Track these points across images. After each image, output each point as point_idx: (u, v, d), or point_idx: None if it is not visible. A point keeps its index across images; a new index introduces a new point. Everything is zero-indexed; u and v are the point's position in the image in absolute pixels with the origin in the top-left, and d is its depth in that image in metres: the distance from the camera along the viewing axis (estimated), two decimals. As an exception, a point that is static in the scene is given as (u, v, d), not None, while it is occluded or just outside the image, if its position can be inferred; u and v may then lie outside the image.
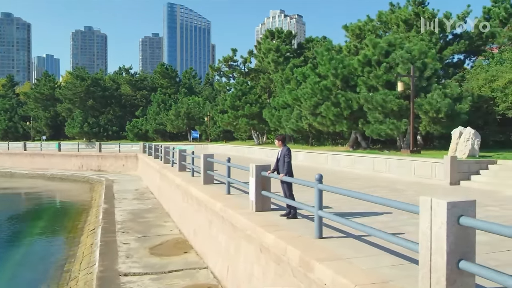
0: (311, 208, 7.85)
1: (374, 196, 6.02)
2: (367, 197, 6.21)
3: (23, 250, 17.75)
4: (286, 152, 9.66)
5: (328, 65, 22.19)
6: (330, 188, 7.30)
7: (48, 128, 67.51)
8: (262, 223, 9.12)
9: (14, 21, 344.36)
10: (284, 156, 9.66)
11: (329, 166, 22.78)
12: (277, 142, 9.99)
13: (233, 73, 44.40)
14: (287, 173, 9.55)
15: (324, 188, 7.48)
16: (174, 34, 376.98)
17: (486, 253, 6.27)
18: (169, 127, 55.01)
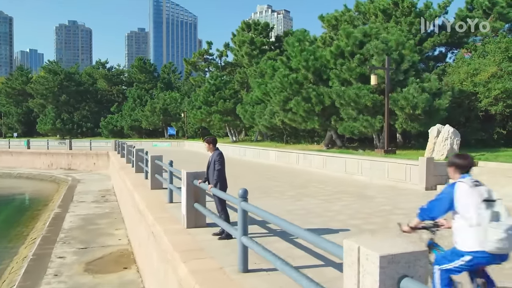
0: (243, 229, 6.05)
1: (297, 228, 4.27)
2: (289, 228, 4.44)
3: None
4: (216, 158, 7.88)
5: (299, 57, 20.42)
6: (253, 209, 5.51)
7: (20, 125, 64.77)
8: (184, 246, 7.34)
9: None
10: (214, 162, 7.89)
11: (300, 167, 21.08)
12: (207, 145, 8.21)
13: (209, 67, 42.44)
14: (218, 184, 7.78)
15: (248, 208, 5.70)
16: (160, 29, 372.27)
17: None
18: (144, 123, 52.87)
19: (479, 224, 3.54)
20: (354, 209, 10.29)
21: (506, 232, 3.46)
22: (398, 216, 9.48)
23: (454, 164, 3.95)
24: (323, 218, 9.33)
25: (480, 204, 3.57)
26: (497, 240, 3.46)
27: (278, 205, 10.93)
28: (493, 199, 3.63)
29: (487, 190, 3.67)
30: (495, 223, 3.51)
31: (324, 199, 11.84)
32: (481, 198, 3.60)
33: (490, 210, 3.56)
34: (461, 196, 3.68)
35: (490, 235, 3.49)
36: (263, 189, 14.00)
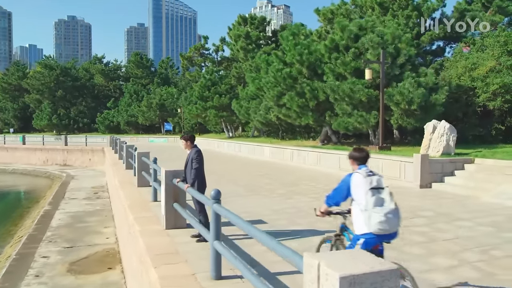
0: (216, 233, 5.63)
1: (259, 232, 3.84)
2: (251, 231, 4.00)
3: None
4: (194, 156, 7.45)
5: (293, 51, 19.94)
6: (223, 212, 5.10)
7: (17, 120, 64.32)
8: (159, 249, 6.94)
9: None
10: (192, 161, 7.46)
11: (294, 163, 20.68)
12: (184, 143, 7.75)
13: (205, 62, 41.91)
14: (195, 183, 7.36)
15: (219, 211, 5.27)
16: (159, 24, 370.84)
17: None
18: (141, 119, 52.39)
19: (366, 209, 3.99)
20: (345, 207, 9.86)
21: (386, 216, 3.90)
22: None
23: (352, 157, 4.47)
24: (311, 218, 8.90)
25: (368, 191, 4.01)
26: (378, 222, 3.90)
27: (266, 204, 10.53)
28: (381, 187, 4.08)
29: (377, 179, 4.11)
30: (378, 208, 3.94)
31: (315, 197, 11.43)
32: (370, 186, 4.03)
33: (375, 197, 3.99)
34: (355, 184, 4.15)
35: (373, 218, 3.92)
36: (253, 187, 13.60)
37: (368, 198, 4.02)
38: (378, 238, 4.04)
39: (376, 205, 3.99)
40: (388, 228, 3.97)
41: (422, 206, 10.09)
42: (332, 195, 4.52)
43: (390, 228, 3.99)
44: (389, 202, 4.03)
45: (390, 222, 3.96)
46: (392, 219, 3.97)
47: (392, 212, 3.97)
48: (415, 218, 8.83)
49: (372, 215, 3.95)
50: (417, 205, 10.30)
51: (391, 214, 3.96)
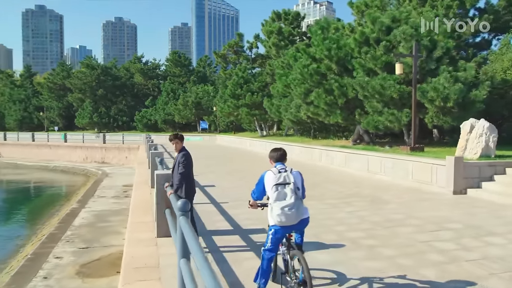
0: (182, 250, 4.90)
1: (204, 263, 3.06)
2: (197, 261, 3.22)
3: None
4: (181, 160, 6.75)
5: (322, 46, 18.90)
6: (184, 228, 4.34)
7: (61, 118, 66.56)
8: (140, 261, 6.32)
9: (47, 13, 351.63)
10: (178, 164, 6.77)
11: (322, 164, 19.68)
12: (174, 144, 6.97)
13: (239, 59, 41.37)
14: (181, 189, 6.68)
15: (182, 225, 4.52)
16: (202, 23, 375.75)
17: None
18: (177, 117, 52.65)
19: (270, 203, 4.41)
20: (360, 217, 8.89)
21: (282, 210, 4.29)
22: (407, 228, 8.01)
23: (270, 156, 4.81)
24: (319, 228, 8.02)
25: (273, 187, 4.37)
26: (277, 215, 4.31)
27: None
28: (286, 183, 4.39)
29: (285, 176, 4.43)
30: (278, 202, 4.32)
31: (331, 204, 10.48)
32: (275, 182, 4.38)
33: (277, 192, 4.35)
34: (266, 181, 4.49)
35: (274, 211, 4.34)
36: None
37: (272, 193, 4.38)
38: (283, 229, 4.43)
39: (276, 200, 4.35)
40: (285, 221, 4.33)
41: (451, 217, 8.93)
42: (254, 190, 4.81)
43: (287, 221, 4.34)
44: (289, 197, 4.33)
45: (287, 216, 4.31)
46: (289, 213, 4.31)
47: (289, 206, 4.30)
48: (440, 231, 7.73)
49: (273, 208, 4.36)
50: (445, 215, 9.13)
51: (287, 208, 4.30)
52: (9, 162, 50.06)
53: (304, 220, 4.55)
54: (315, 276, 5.42)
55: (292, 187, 4.38)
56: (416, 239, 7.18)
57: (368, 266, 5.85)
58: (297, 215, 4.36)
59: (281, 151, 4.78)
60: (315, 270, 5.95)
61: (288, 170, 4.52)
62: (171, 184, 6.97)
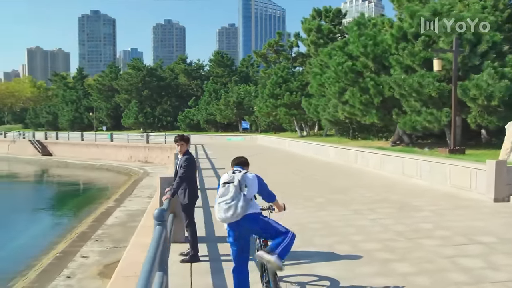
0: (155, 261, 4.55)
1: None
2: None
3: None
4: (183, 163, 6.42)
5: (358, 43, 18.06)
6: (153, 242, 3.97)
7: (109, 119, 68.86)
8: (133, 269, 6.04)
9: (101, 18, 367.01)
10: (180, 168, 6.45)
11: (358, 165, 18.84)
12: (179, 146, 6.65)
13: (279, 58, 40.87)
14: (185, 193, 6.39)
15: (156, 235, 4.16)
16: (249, 23, 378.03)
17: None
18: (218, 117, 52.94)
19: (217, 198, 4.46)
20: (383, 226, 8.20)
21: (219, 205, 4.36)
22: (433, 239, 7.25)
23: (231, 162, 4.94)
24: (334, 237, 7.44)
25: (221, 185, 4.48)
26: (217, 211, 4.40)
27: (293, 215, 9.16)
28: (231, 182, 4.42)
29: (231, 176, 4.49)
30: (219, 198, 4.41)
31: (356, 210, 9.80)
32: (222, 182, 4.49)
33: (221, 190, 4.44)
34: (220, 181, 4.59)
35: (215, 208, 4.44)
36: (294, 192, 12.24)
37: (218, 191, 4.51)
38: (230, 229, 4.43)
39: (219, 196, 4.43)
40: (223, 216, 4.33)
41: (485, 228, 8.03)
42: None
43: (225, 216, 4.32)
44: (229, 193, 4.36)
45: (223, 210, 4.32)
46: (224, 207, 4.32)
47: (226, 201, 4.34)
48: (470, 245, 6.92)
49: (216, 205, 4.45)
50: (480, 225, 8.24)
51: (223, 202, 4.34)
52: (60, 160, 52.30)
53: (248, 216, 4.34)
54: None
55: (236, 184, 4.38)
56: (440, 254, 6.44)
57: (375, 284, 5.24)
58: (234, 210, 4.29)
59: (242, 159, 4.95)
60: (312, 285, 5.43)
61: (242, 172, 4.55)
62: (170, 188, 6.66)
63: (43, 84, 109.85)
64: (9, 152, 59.52)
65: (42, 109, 79.63)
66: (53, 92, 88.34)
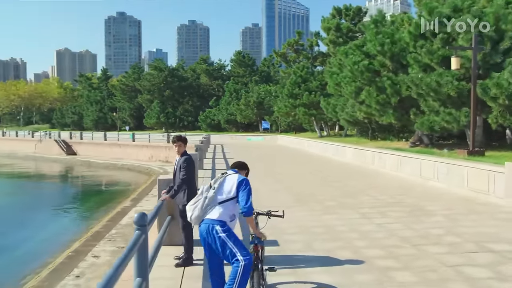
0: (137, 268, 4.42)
1: None
2: None
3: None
4: (182, 164, 6.27)
5: (375, 41, 17.63)
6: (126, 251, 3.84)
7: (132, 119, 69.83)
8: (125, 274, 5.89)
9: (127, 19, 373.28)
10: (180, 169, 6.29)
11: (375, 167, 18.40)
12: (177, 147, 6.46)
13: (299, 58, 40.50)
14: (177, 194, 6.26)
15: (132, 242, 4.03)
16: (272, 23, 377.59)
17: None
18: (239, 117, 52.94)
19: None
20: (390, 231, 7.87)
21: (189, 207, 4.36)
22: (440, 246, 6.89)
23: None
24: (335, 242, 7.18)
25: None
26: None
27: (300, 219, 8.94)
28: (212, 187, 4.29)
29: (216, 180, 4.34)
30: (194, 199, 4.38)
31: (364, 213, 9.48)
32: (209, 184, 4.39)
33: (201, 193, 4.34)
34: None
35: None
36: (305, 195, 11.99)
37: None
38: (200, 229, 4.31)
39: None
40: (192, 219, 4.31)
41: (499, 234, 7.61)
42: None
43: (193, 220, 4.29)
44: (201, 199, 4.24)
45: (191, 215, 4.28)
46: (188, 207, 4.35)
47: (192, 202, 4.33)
48: (479, 253, 6.54)
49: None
50: (494, 232, 7.82)
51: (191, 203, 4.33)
52: (83, 160, 53.29)
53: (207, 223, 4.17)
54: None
55: (212, 192, 4.24)
56: (445, 262, 6.10)
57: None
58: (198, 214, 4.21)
59: (238, 163, 4.71)
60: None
61: (229, 173, 4.39)
62: (169, 190, 6.54)
63: (70, 85, 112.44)
64: (36, 152, 61.02)
65: (68, 109, 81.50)
66: (79, 92, 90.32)
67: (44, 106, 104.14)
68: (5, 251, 15.49)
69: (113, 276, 3.15)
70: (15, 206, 25.22)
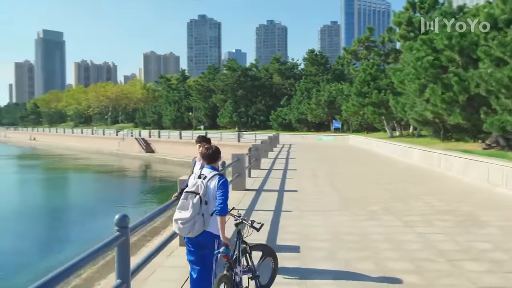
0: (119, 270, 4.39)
1: None
2: None
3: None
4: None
5: (442, 35, 16.33)
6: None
7: (207, 118, 71.94)
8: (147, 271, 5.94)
9: (207, 22, 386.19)
10: None
11: (441, 170, 17.12)
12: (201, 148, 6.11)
13: (370, 54, 38.94)
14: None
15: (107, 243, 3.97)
16: (351, 20, 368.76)
17: None
18: (309, 116, 52.26)
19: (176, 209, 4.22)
20: (428, 243, 7.14)
21: (176, 222, 4.11)
22: (480, 263, 6.10)
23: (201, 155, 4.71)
24: (363, 252, 6.67)
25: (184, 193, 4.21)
26: (174, 223, 4.19)
27: (334, 224, 8.47)
28: (196, 192, 4.06)
29: (198, 184, 4.09)
30: (177, 211, 4.15)
31: (408, 221, 8.73)
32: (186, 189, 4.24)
33: (183, 200, 4.13)
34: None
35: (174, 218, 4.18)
36: (353, 199, 11.39)
37: (180, 199, 4.19)
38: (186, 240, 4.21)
39: (178, 208, 4.14)
40: (178, 232, 4.16)
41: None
42: None
43: (181, 233, 4.13)
44: (188, 211, 4.01)
45: (180, 229, 4.08)
46: (181, 226, 4.05)
47: (183, 220, 4.02)
48: None
49: (175, 215, 4.17)
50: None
51: (181, 221, 4.04)
52: (160, 157, 55.98)
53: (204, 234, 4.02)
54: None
55: (197, 200, 3.99)
56: (478, 282, 5.38)
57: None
58: (192, 230, 3.99)
59: (210, 151, 4.23)
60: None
61: (208, 177, 4.08)
62: (180, 192, 6.46)
63: (152, 86, 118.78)
64: (119, 149, 65.22)
65: (149, 109, 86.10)
66: (159, 93, 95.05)
67: (129, 106, 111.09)
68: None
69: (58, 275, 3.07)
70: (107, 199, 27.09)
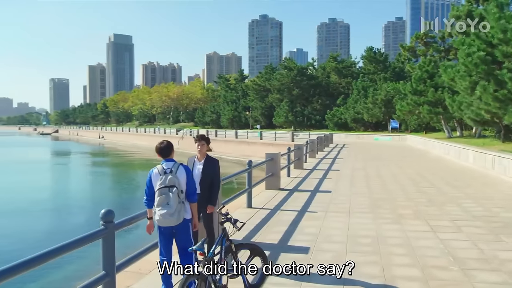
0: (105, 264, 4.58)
1: None
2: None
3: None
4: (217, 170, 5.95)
5: (496, 28, 15.25)
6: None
7: (263, 117, 72.33)
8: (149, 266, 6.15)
9: (268, 22, 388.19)
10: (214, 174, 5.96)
11: (494, 173, 16.05)
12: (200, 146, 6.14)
13: (429, 51, 37.11)
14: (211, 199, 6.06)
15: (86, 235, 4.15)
16: (417, 15, 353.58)
17: None
18: (365, 116, 50.88)
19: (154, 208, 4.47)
20: (447, 249, 6.73)
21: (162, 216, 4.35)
22: (495, 274, 5.65)
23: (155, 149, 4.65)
24: (373, 256, 6.44)
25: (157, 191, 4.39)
26: (157, 218, 4.41)
27: (355, 227, 8.22)
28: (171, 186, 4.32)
29: (170, 178, 4.34)
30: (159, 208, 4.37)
31: (436, 226, 8.27)
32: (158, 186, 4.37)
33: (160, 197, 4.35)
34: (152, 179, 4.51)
35: (156, 215, 4.43)
36: (384, 201, 10.97)
37: (156, 197, 4.37)
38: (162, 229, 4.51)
39: (158, 205, 4.35)
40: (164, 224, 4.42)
41: None
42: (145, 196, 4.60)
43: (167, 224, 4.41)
44: (170, 205, 4.31)
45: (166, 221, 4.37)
46: (170, 219, 4.35)
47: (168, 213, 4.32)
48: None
49: (156, 212, 4.41)
50: None
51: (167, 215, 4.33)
52: (215, 156, 56.90)
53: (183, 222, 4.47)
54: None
55: (175, 191, 4.29)
56: (484, 294, 4.99)
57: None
58: (178, 218, 4.37)
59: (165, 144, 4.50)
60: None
61: (174, 170, 4.35)
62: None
63: (211, 86, 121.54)
64: (179, 147, 67.35)
65: (208, 109, 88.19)
66: (217, 93, 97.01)
67: (190, 106, 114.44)
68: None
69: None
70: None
